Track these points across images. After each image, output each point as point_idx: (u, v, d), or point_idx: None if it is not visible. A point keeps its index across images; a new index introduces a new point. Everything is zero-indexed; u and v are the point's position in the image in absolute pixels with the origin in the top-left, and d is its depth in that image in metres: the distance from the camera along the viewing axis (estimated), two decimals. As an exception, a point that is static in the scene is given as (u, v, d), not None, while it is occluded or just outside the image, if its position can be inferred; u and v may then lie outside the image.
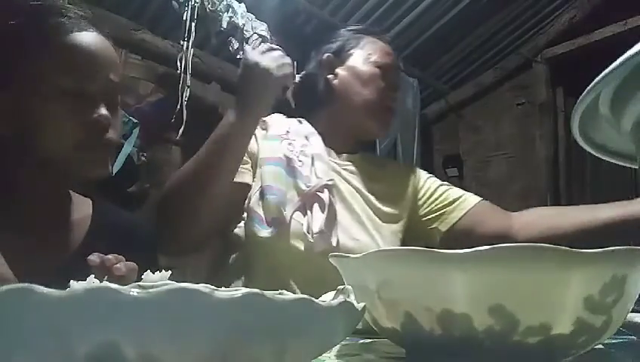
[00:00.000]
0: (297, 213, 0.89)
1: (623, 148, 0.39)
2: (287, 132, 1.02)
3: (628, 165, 0.40)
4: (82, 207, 0.74)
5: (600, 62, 0.32)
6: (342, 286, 0.33)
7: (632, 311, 0.37)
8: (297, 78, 1.13)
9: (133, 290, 0.20)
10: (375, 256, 0.36)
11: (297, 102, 1.09)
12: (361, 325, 0.46)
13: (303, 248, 0.87)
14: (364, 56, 1.09)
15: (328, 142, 1.04)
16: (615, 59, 0.28)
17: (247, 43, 1.11)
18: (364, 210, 1.01)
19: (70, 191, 0.73)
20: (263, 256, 0.88)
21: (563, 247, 0.31)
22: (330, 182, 0.93)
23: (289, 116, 1.10)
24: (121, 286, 0.21)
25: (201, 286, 0.21)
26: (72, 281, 0.31)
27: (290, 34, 2.73)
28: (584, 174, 3.23)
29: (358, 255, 0.37)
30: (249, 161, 0.95)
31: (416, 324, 0.34)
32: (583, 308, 0.32)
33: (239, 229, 0.93)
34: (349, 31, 1.16)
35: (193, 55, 2.31)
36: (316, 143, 1.01)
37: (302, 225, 0.88)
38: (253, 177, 0.94)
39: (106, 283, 0.21)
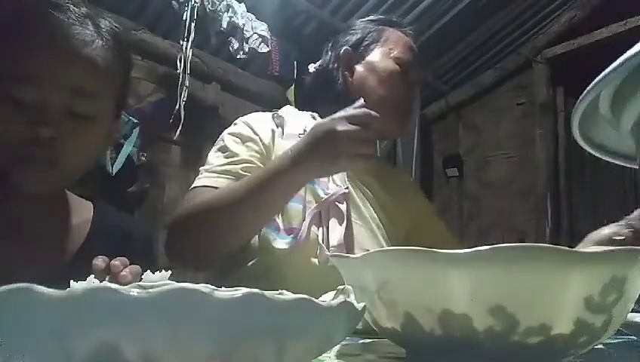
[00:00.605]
0: (313, 221, 0.85)
1: (622, 148, 0.39)
2: (305, 130, 0.92)
3: (628, 165, 0.40)
4: (82, 211, 0.73)
5: (600, 62, 0.32)
6: (342, 286, 0.33)
7: (632, 311, 0.37)
8: (312, 67, 1.07)
9: (133, 290, 0.20)
10: (375, 256, 0.36)
11: (311, 95, 1.03)
12: (361, 325, 0.46)
13: (317, 261, 0.82)
14: (384, 51, 1.02)
15: None
16: (615, 59, 0.28)
17: (246, 43, 1.03)
18: (374, 218, 0.97)
19: (69, 194, 0.73)
20: (276, 265, 0.83)
21: (563, 247, 0.31)
22: (346, 190, 0.89)
23: (301, 109, 1.05)
24: (121, 286, 0.21)
25: (201, 286, 0.21)
26: (71, 281, 0.31)
27: (290, 34, 2.73)
28: (584, 174, 3.23)
29: (357, 255, 0.37)
30: (257, 163, 0.88)
31: (417, 324, 0.34)
32: (583, 308, 0.32)
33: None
34: (370, 22, 1.08)
35: (193, 55, 2.31)
36: None
37: (317, 235, 0.83)
38: None
39: (106, 283, 0.21)
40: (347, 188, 0.90)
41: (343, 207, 0.87)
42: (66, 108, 0.61)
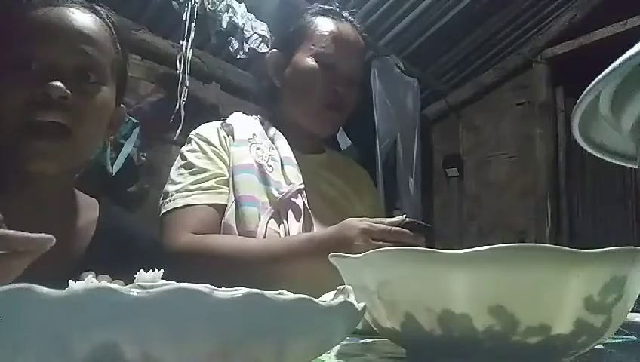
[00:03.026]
0: (272, 220, 0.85)
1: (623, 148, 0.39)
2: (254, 135, 0.95)
3: (628, 165, 0.40)
4: (88, 210, 0.71)
5: (600, 62, 0.32)
6: (342, 286, 0.33)
7: (632, 311, 0.37)
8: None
9: (133, 290, 0.20)
10: (375, 256, 0.36)
11: (257, 99, 1.04)
12: (361, 325, 0.46)
13: None
14: (306, 48, 0.96)
15: (291, 143, 0.97)
16: (615, 59, 0.28)
17: (246, 43, 1.03)
18: (333, 210, 0.96)
19: (77, 192, 0.72)
20: None
21: (563, 247, 0.31)
22: (301, 186, 0.90)
23: (249, 113, 1.04)
24: (121, 286, 0.21)
25: (201, 286, 0.21)
26: (70, 281, 0.31)
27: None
28: (584, 174, 3.23)
29: (358, 255, 0.37)
30: (226, 174, 0.90)
31: (417, 324, 0.34)
32: (583, 308, 0.32)
33: None
34: (304, 14, 1.01)
35: (193, 55, 2.31)
36: (283, 146, 0.95)
37: (278, 233, 0.84)
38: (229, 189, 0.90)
39: (105, 283, 0.21)
40: (302, 183, 0.90)
41: (299, 201, 0.88)
42: (76, 68, 0.60)
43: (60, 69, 0.58)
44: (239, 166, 0.90)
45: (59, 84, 0.56)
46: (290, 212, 0.87)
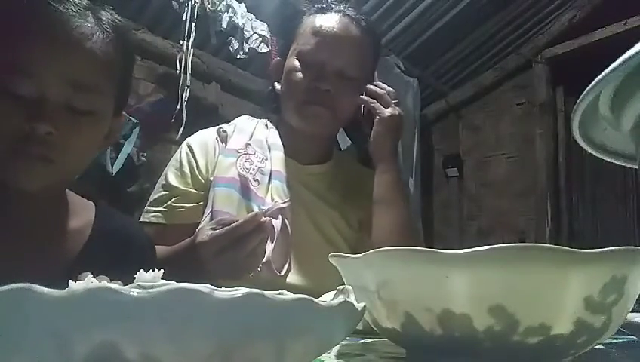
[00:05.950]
0: None
1: (623, 148, 0.39)
2: (247, 145, 0.92)
3: (628, 165, 0.40)
4: (84, 212, 0.71)
5: (600, 62, 0.32)
6: (342, 286, 0.33)
7: (632, 311, 0.37)
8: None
9: (133, 290, 0.20)
10: (375, 256, 0.36)
11: (266, 106, 1.02)
12: (361, 325, 0.46)
13: (250, 274, 0.79)
14: (293, 49, 0.93)
15: (291, 152, 0.94)
16: (615, 59, 0.28)
17: (246, 43, 1.01)
18: (324, 226, 0.92)
19: (71, 194, 0.72)
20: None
21: (563, 247, 0.31)
22: (284, 205, 0.84)
23: (249, 113, 1.02)
24: (121, 286, 0.21)
25: (201, 286, 0.21)
26: (70, 282, 0.31)
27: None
28: (584, 174, 3.23)
29: (358, 255, 0.37)
30: (200, 191, 0.89)
31: (417, 324, 0.34)
32: (583, 308, 0.32)
33: None
34: (297, 19, 0.98)
35: (193, 55, 2.31)
36: (276, 158, 0.92)
37: None
38: (206, 201, 0.87)
39: (105, 283, 0.21)
40: (286, 201, 0.86)
41: (276, 223, 0.83)
42: (64, 102, 0.59)
43: (49, 102, 0.58)
44: (221, 178, 0.87)
45: (44, 122, 0.56)
46: None
